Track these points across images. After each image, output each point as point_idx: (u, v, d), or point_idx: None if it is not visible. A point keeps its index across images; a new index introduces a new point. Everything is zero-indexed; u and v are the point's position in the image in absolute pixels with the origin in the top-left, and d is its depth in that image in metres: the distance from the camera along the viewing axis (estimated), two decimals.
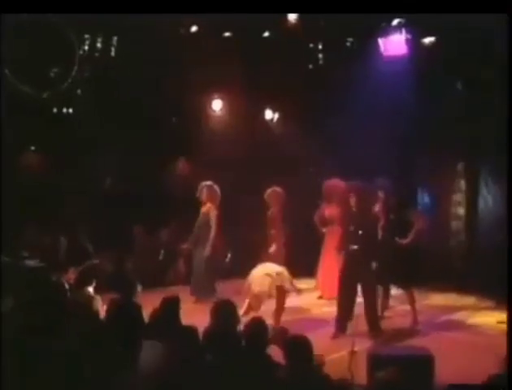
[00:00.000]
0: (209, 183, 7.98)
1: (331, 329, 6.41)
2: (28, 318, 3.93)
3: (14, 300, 4.46)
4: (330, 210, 8.00)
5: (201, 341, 4.06)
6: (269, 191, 8.18)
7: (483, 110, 7.37)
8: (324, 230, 8.16)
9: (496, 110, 6.62)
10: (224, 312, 4.16)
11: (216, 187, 7.97)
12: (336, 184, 7.92)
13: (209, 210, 7.90)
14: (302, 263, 8.47)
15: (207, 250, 7.76)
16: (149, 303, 4.59)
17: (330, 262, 7.73)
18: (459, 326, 6.88)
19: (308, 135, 9.43)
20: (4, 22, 6.11)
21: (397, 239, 6.77)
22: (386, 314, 7.09)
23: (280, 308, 6.45)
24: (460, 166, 9.02)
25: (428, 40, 7.35)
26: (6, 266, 5.97)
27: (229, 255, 8.53)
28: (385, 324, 6.73)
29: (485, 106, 7.31)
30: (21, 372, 3.22)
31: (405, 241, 6.80)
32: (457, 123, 8.14)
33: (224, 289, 7.75)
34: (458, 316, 7.27)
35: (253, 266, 6.68)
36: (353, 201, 6.32)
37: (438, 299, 8.05)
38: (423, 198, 9.32)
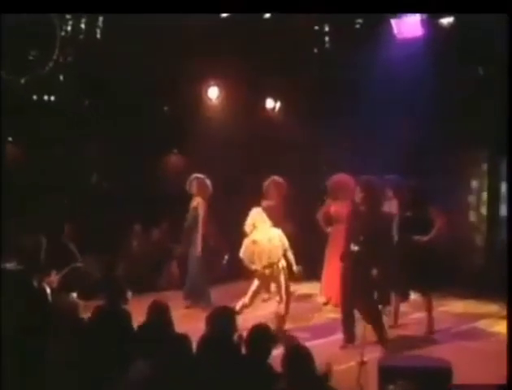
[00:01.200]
0: (199, 175, 7.98)
1: (339, 337, 6.43)
2: (5, 327, 3.95)
3: None
4: (336, 208, 7.99)
5: (196, 352, 4.08)
6: (268, 181, 8.16)
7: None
8: (329, 229, 8.13)
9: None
10: (221, 320, 4.16)
11: (207, 180, 7.97)
12: (342, 179, 7.92)
13: (197, 204, 7.90)
14: (306, 265, 8.44)
15: (197, 250, 7.77)
16: (140, 310, 4.59)
17: (335, 265, 7.56)
18: (480, 335, 6.88)
19: (313, 125, 9.48)
20: None
21: (416, 238, 6.74)
22: (399, 321, 7.10)
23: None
24: (482, 160, 9.02)
25: (446, 20, 7.44)
26: None
27: (226, 256, 8.44)
28: (398, 332, 6.75)
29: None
30: None
31: (425, 239, 6.77)
32: (477, 112, 8.27)
33: (221, 294, 7.81)
34: (479, 324, 7.28)
35: None
36: (360, 197, 6.28)
37: (457, 306, 8.07)
38: (440, 195, 9.04)
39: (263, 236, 6.68)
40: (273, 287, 7.11)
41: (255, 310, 6.90)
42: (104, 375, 3.74)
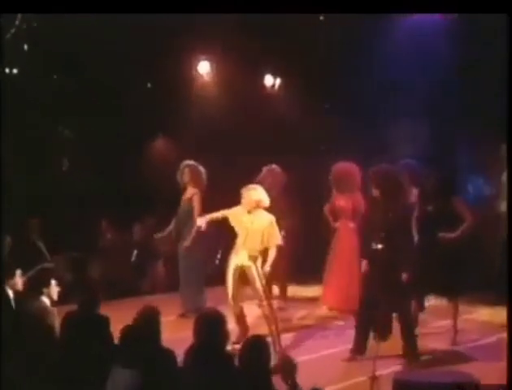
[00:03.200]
0: (192, 162, 8.03)
1: (346, 348, 6.46)
2: None
3: None
4: (340, 201, 8.08)
5: (183, 364, 4.14)
6: (265, 170, 8.20)
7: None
8: (336, 225, 8.24)
9: None
10: (210, 326, 4.19)
11: (201, 167, 8.02)
12: (346, 168, 8.01)
13: (192, 195, 7.95)
14: (309, 266, 8.60)
15: (187, 246, 7.85)
16: (120, 317, 4.62)
17: (340, 265, 7.84)
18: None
19: (317, 105, 9.57)
20: None
21: (441, 235, 6.74)
22: (417, 330, 6.97)
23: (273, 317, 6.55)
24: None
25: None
26: None
27: (219, 255, 8.43)
28: (418, 343, 6.64)
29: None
30: None
31: (452, 236, 6.75)
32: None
33: (212, 298, 7.84)
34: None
35: None
36: (376, 188, 6.30)
37: (484, 314, 8.09)
38: (466, 185, 9.33)
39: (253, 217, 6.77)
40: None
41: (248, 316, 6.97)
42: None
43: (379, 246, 6.20)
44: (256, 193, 6.79)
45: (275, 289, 8.42)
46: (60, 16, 7.88)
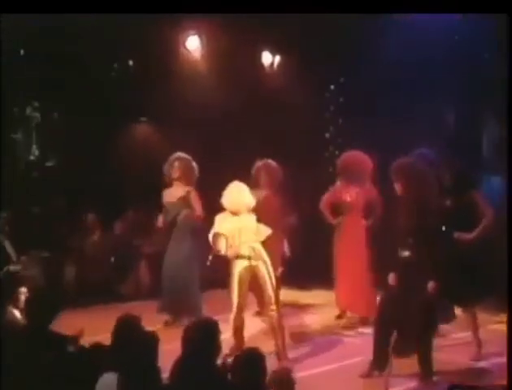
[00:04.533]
0: (184, 155, 8.05)
1: (359, 361, 6.48)
2: None
3: None
4: (348, 193, 8.06)
5: (170, 378, 4.22)
6: (259, 164, 8.21)
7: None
8: (335, 221, 8.22)
9: None
10: (201, 336, 4.22)
11: (193, 162, 8.05)
12: (356, 157, 8.02)
13: (186, 192, 8.01)
14: (311, 270, 8.70)
15: (194, 247, 7.93)
16: (97, 325, 4.75)
17: (350, 266, 7.89)
18: None
19: (321, 87, 9.67)
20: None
21: (457, 234, 6.73)
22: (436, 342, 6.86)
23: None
24: None
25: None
26: None
27: (210, 256, 8.35)
28: (435, 357, 6.59)
29: None
30: None
31: (470, 237, 6.75)
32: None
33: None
34: None
35: None
36: (401, 184, 6.26)
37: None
38: (486, 179, 9.29)
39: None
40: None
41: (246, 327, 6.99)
42: None
43: (407, 254, 6.18)
44: (244, 196, 6.83)
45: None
46: None
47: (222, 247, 6.67)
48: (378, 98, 9.33)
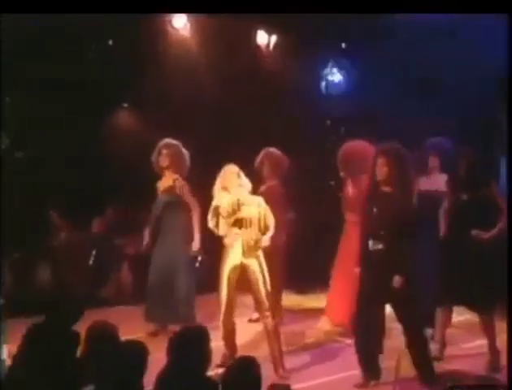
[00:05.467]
0: (173, 141, 8.01)
1: (357, 372, 6.50)
2: None
3: None
4: (348, 189, 8.14)
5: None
6: (262, 154, 8.26)
7: None
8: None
9: None
10: (188, 345, 4.23)
11: (184, 149, 8.01)
12: (358, 147, 8.01)
13: (176, 182, 7.94)
14: (315, 272, 8.78)
15: (195, 246, 7.86)
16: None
17: (344, 271, 7.86)
18: None
19: (323, 69, 9.84)
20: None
21: (474, 232, 6.74)
22: (447, 350, 7.11)
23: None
24: None
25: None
26: None
27: (200, 257, 8.44)
28: (445, 367, 6.75)
29: None
30: None
31: (487, 235, 6.76)
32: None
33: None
34: None
35: None
36: (383, 171, 6.33)
37: None
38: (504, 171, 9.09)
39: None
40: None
41: (239, 333, 7.04)
42: None
43: (380, 246, 6.23)
44: (236, 176, 6.83)
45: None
46: None
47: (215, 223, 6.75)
48: (386, 82, 9.38)
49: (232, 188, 6.74)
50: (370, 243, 6.27)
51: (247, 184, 6.85)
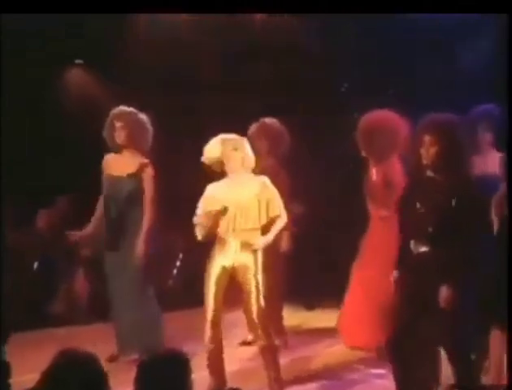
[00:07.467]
0: (128, 109, 7.80)
1: None
2: None
3: None
4: (372, 174, 8.07)
5: None
6: (256, 125, 8.24)
7: None
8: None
9: None
10: (163, 376, 4.05)
11: (143, 116, 7.80)
12: (384, 118, 7.93)
13: (140, 165, 7.68)
14: (324, 280, 8.98)
15: (139, 249, 7.61)
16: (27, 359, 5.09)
17: (363, 278, 7.86)
18: None
19: (331, 32, 9.85)
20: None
21: None
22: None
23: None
24: None
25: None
26: None
27: (178, 261, 8.55)
28: None
29: None
30: None
31: None
32: None
33: (172, 327, 7.89)
34: None
35: None
36: (430, 153, 6.09)
37: None
38: None
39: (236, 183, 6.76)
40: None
41: (228, 356, 6.96)
42: None
43: (423, 249, 6.09)
44: (236, 147, 6.62)
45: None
46: None
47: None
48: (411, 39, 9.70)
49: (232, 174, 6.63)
50: (412, 244, 6.10)
51: (251, 156, 6.65)
